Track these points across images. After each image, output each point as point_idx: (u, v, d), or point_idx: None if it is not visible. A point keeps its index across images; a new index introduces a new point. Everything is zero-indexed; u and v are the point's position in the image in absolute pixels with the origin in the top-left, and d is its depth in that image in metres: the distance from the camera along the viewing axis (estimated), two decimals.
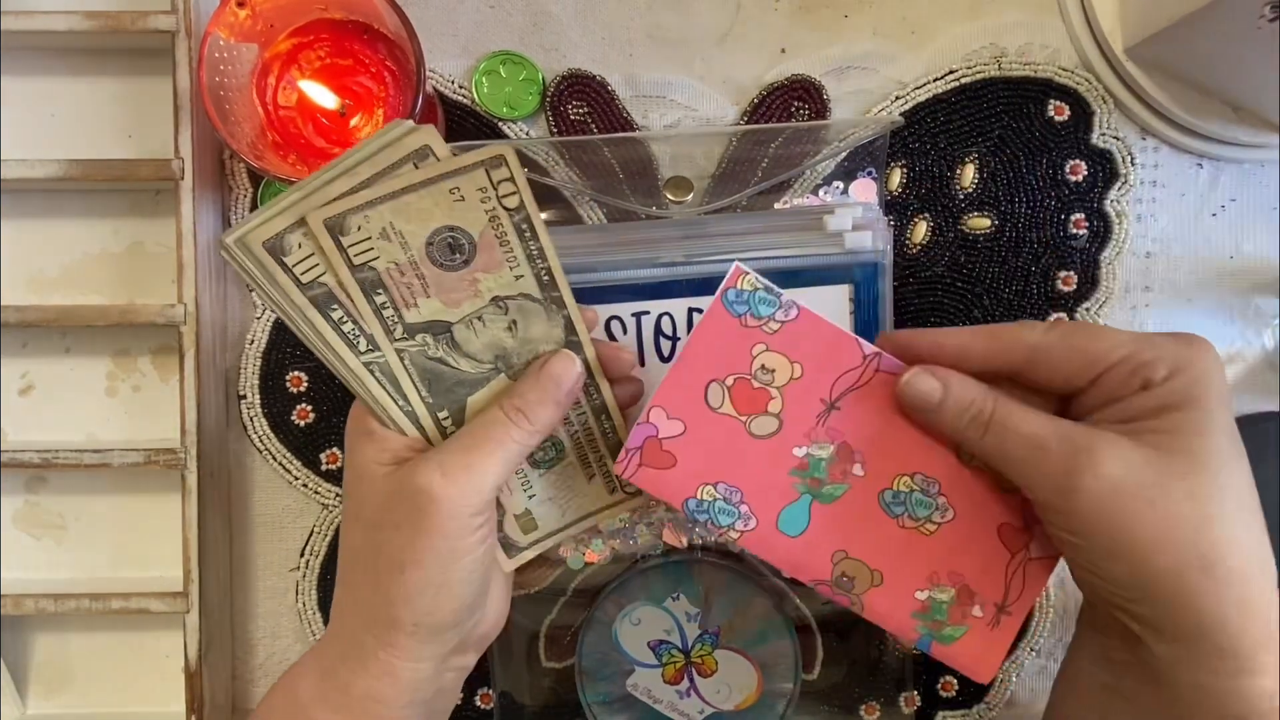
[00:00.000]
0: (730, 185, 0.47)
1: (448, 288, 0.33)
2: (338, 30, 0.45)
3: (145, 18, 0.45)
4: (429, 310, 0.33)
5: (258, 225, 0.31)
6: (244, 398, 0.50)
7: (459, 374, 0.34)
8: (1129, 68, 0.47)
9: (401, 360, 0.33)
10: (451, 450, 0.33)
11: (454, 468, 0.32)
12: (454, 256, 0.32)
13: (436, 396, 0.34)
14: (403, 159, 0.31)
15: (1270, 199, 0.49)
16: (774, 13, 0.49)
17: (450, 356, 0.34)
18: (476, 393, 0.35)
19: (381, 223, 0.31)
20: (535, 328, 0.35)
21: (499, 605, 0.37)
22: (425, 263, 0.32)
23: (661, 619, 0.47)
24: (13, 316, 0.46)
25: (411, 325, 0.33)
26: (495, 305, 0.34)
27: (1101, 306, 0.49)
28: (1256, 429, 0.48)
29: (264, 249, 0.31)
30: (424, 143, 0.31)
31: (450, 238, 0.32)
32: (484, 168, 0.31)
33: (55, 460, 0.47)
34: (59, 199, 0.50)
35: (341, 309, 0.32)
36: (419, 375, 0.34)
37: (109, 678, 0.51)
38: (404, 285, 0.32)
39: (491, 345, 0.34)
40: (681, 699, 0.48)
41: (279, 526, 0.50)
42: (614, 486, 0.39)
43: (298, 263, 0.31)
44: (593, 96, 0.49)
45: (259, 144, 0.44)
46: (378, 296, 0.32)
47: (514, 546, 0.38)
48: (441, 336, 0.34)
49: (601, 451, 0.38)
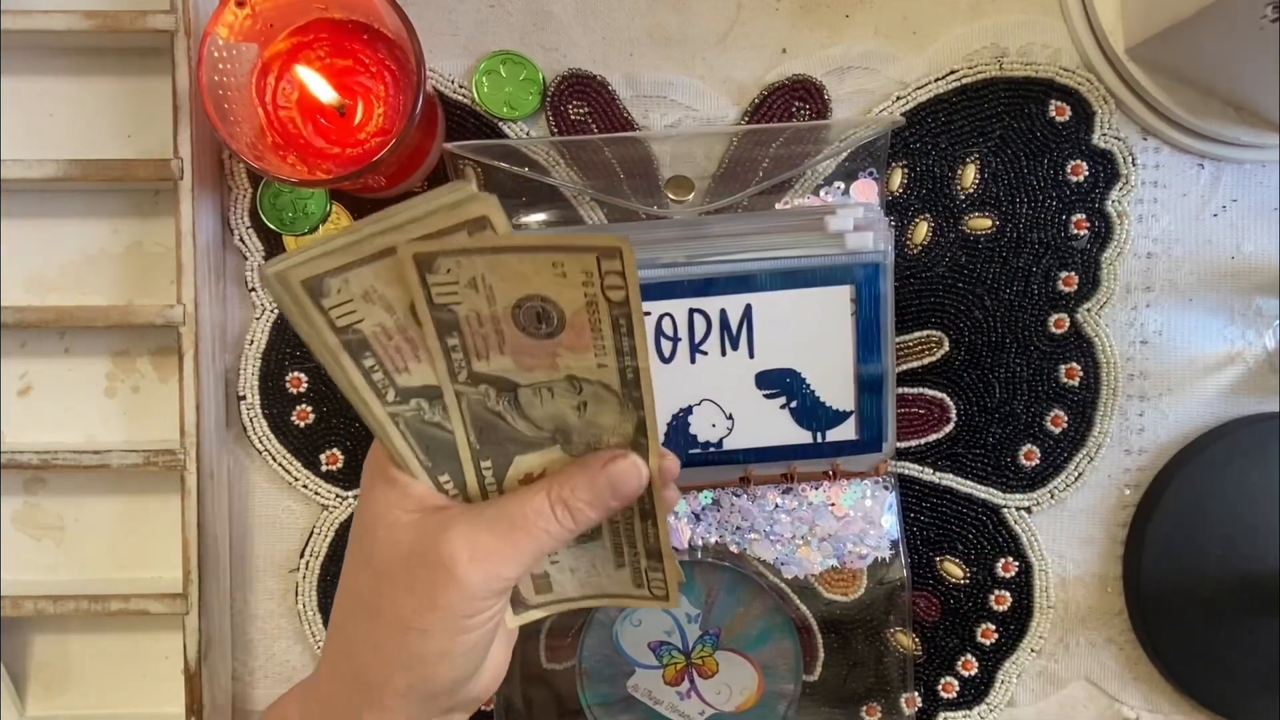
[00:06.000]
0: (731, 185, 0.47)
1: (525, 352, 0.31)
2: (338, 30, 0.45)
3: (144, 17, 0.45)
4: (499, 366, 0.31)
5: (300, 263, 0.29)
6: (243, 398, 0.49)
7: (514, 431, 0.33)
8: (1130, 68, 0.46)
9: (459, 402, 0.32)
10: (485, 529, 0.31)
11: (484, 552, 0.30)
12: (540, 326, 0.30)
13: (485, 445, 0.33)
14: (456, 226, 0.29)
15: (1271, 199, 0.49)
16: (775, 12, 0.49)
17: (510, 414, 0.32)
18: (527, 454, 0.33)
19: (474, 272, 0.29)
20: (605, 417, 0.33)
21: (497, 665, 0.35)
22: (508, 322, 0.30)
23: (662, 620, 0.47)
24: (12, 317, 0.46)
25: (478, 374, 0.31)
26: (569, 383, 0.32)
27: (1103, 307, 0.49)
28: (1257, 430, 0.49)
29: (302, 287, 0.29)
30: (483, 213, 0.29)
31: (541, 307, 0.30)
32: (597, 254, 0.29)
33: (54, 461, 0.47)
34: (58, 199, 0.50)
35: (374, 357, 0.31)
36: (473, 421, 0.32)
37: (108, 679, 0.51)
38: (480, 336, 0.31)
39: (555, 417, 0.32)
40: (682, 700, 0.47)
41: (279, 527, 0.50)
42: (641, 583, 0.37)
43: (334, 306, 0.29)
44: (593, 96, 0.48)
45: (258, 144, 0.44)
46: (450, 339, 0.31)
47: (522, 604, 0.37)
48: (505, 393, 0.32)
49: (638, 550, 0.36)
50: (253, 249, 0.49)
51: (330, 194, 0.49)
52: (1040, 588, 0.50)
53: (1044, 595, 0.50)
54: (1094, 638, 0.50)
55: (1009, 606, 0.50)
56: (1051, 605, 0.50)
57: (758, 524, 0.48)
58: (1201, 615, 0.48)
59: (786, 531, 0.48)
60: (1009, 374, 0.49)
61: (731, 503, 0.48)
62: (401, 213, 0.29)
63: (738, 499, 0.48)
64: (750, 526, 0.48)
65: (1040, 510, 0.50)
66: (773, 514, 0.48)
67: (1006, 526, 0.50)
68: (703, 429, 0.46)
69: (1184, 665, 0.49)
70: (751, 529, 0.48)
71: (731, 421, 0.46)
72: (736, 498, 0.48)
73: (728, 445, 0.46)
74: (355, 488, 0.50)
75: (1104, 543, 0.50)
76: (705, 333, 0.45)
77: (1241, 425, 0.49)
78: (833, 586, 0.49)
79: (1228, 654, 0.48)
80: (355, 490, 0.50)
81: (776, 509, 0.48)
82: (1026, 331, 0.49)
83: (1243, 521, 0.48)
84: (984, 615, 0.50)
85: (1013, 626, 0.50)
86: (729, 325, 0.44)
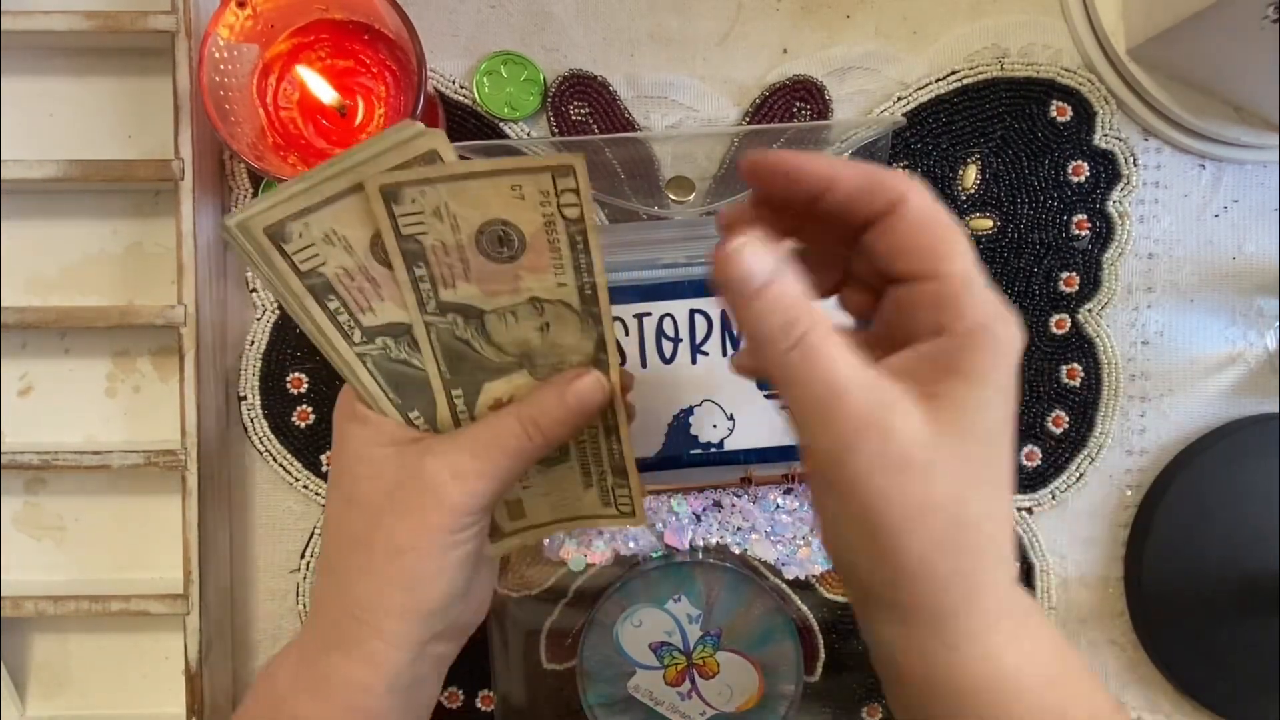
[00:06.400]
0: (732, 186, 0.47)
1: (489, 278, 0.33)
2: (338, 31, 0.45)
3: (145, 18, 0.45)
4: (465, 294, 0.33)
5: (260, 211, 0.30)
6: (244, 399, 0.49)
7: (481, 359, 0.34)
8: (1131, 68, 0.46)
9: (428, 333, 0.33)
10: (462, 451, 0.33)
11: (465, 470, 0.32)
12: (501, 249, 0.32)
13: (455, 375, 0.34)
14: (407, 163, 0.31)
15: (1273, 200, 0.49)
16: (775, 13, 0.49)
17: (477, 341, 0.34)
18: (495, 380, 0.35)
19: (437, 201, 0.31)
20: (567, 336, 0.34)
21: (481, 594, 0.37)
22: (472, 249, 0.32)
23: (663, 621, 0.47)
24: (12, 317, 0.46)
25: (445, 303, 0.33)
26: (532, 305, 0.33)
27: (1104, 307, 0.49)
28: (1258, 431, 0.48)
29: (265, 235, 0.31)
30: (432, 147, 0.31)
31: (502, 230, 0.32)
32: (551, 173, 0.31)
33: (55, 462, 0.47)
34: (58, 200, 0.50)
35: (338, 299, 0.32)
36: (442, 351, 0.34)
37: (109, 680, 0.51)
38: (446, 265, 0.32)
39: (520, 341, 0.34)
40: (683, 701, 0.47)
41: (279, 528, 0.50)
42: (609, 501, 0.39)
43: (297, 251, 0.31)
44: (594, 97, 0.48)
45: (259, 145, 0.44)
46: (418, 269, 0.32)
47: (499, 532, 0.38)
48: (472, 320, 0.34)
49: (604, 468, 0.38)
50: None
51: None
52: (1042, 588, 0.50)
53: (1045, 596, 0.50)
54: (1095, 638, 0.50)
55: None
56: (1053, 606, 0.50)
57: (759, 524, 0.48)
58: (1203, 616, 0.48)
59: (788, 532, 0.48)
60: None
61: (733, 503, 0.48)
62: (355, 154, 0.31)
63: (739, 499, 0.48)
64: (751, 527, 0.48)
65: (1041, 511, 0.50)
66: (774, 514, 0.48)
67: None
68: (704, 429, 0.46)
69: (1185, 666, 0.49)
70: (753, 529, 0.48)
71: (733, 422, 0.46)
72: (738, 498, 0.48)
73: (729, 446, 0.46)
74: None
75: (1105, 543, 0.50)
76: (706, 333, 0.45)
77: (1243, 426, 0.49)
78: (834, 587, 0.49)
79: (1229, 654, 0.48)
80: None
81: (778, 509, 0.48)
82: (1028, 332, 0.49)
83: (1244, 522, 0.48)
84: None
85: None
86: (730, 326, 0.44)
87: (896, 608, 0.28)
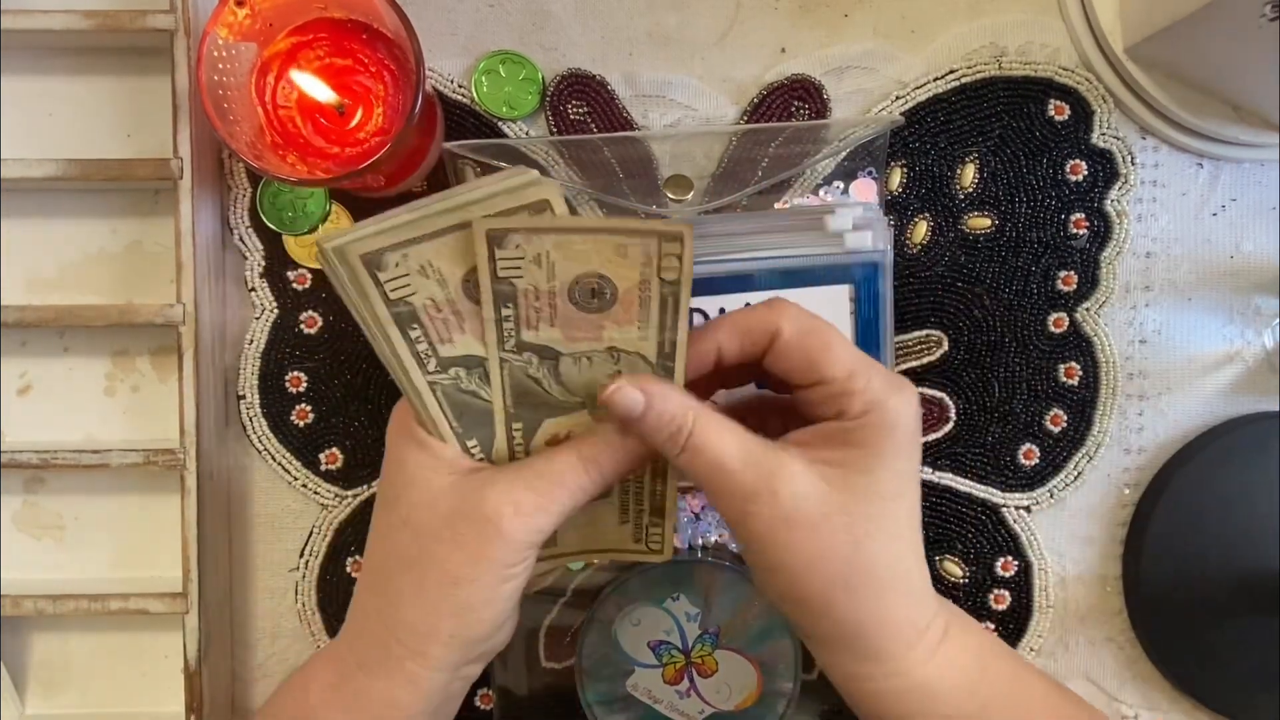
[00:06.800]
0: (730, 185, 0.47)
1: (574, 324, 0.33)
2: (337, 29, 0.45)
3: (144, 17, 0.45)
4: (546, 337, 0.33)
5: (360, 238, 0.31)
6: (243, 398, 0.49)
7: (548, 397, 0.35)
8: (1129, 67, 0.46)
9: (501, 369, 0.34)
10: (524, 486, 0.33)
11: (524, 507, 0.33)
12: (592, 300, 0.33)
13: (518, 409, 0.35)
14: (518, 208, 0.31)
15: (1270, 198, 0.49)
16: (774, 12, 0.49)
17: (547, 381, 0.34)
18: (556, 417, 0.35)
19: (540, 249, 0.31)
20: None
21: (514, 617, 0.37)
22: (563, 297, 0.32)
23: (661, 619, 0.47)
24: (11, 316, 0.46)
25: (524, 343, 0.33)
26: (609, 353, 0.34)
27: (1102, 306, 0.49)
28: (1256, 429, 0.49)
29: (361, 262, 0.31)
30: (543, 197, 0.31)
31: (597, 284, 0.32)
32: (659, 238, 0.31)
33: (54, 460, 0.47)
34: (57, 198, 0.50)
35: (420, 329, 0.33)
36: (511, 386, 0.34)
37: (108, 678, 0.51)
38: (534, 309, 0.33)
39: (589, 384, 0.34)
40: (681, 699, 0.47)
41: (278, 527, 0.50)
42: (640, 538, 0.39)
43: (390, 279, 0.32)
44: (592, 96, 0.48)
45: (258, 143, 0.44)
46: (505, 309, 0.32)
47: None
48: (547, 361, 0.34)
49: (644, 507, 0.38)
50: (252, 248, 0.49)
51: (330, 193, 0.49)
52: (1039, 587, 0.50)
53: (1043, 594, 0.50)
54: (1093, 637, 0.50)
55: (1008, 606, 0.50)
56: (1051, 604, 0.50)
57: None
58: (1200, 614, 0.48)
59: None
60: (1008, 373, 0.49)
61: None
62: (466, 193, 0.31)
63: None
64: None
65: (1039, 509, 0.50)
66: None
67: (1006, 526, 0.50)
68: None
69: (1183, 664, 0.49)
70: None
71: None
72: None
73: None
74: (354, 487, 0.50)
75: (1103, 542, 0.50)
76: None
77: (1241, 424, 0.49)
78: None
79: (1226, 653, 0.48)
80: (354, 490, 0.50)
81: None
82: (1026, 331, 0.49)
83: (1242, 520, 0.48)
84: (983, 614, 0.50)
85: (1012, 626, 0.50)
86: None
87: (815, 639, 0.34)
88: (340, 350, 0.49)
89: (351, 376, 0.50)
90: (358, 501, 0.50)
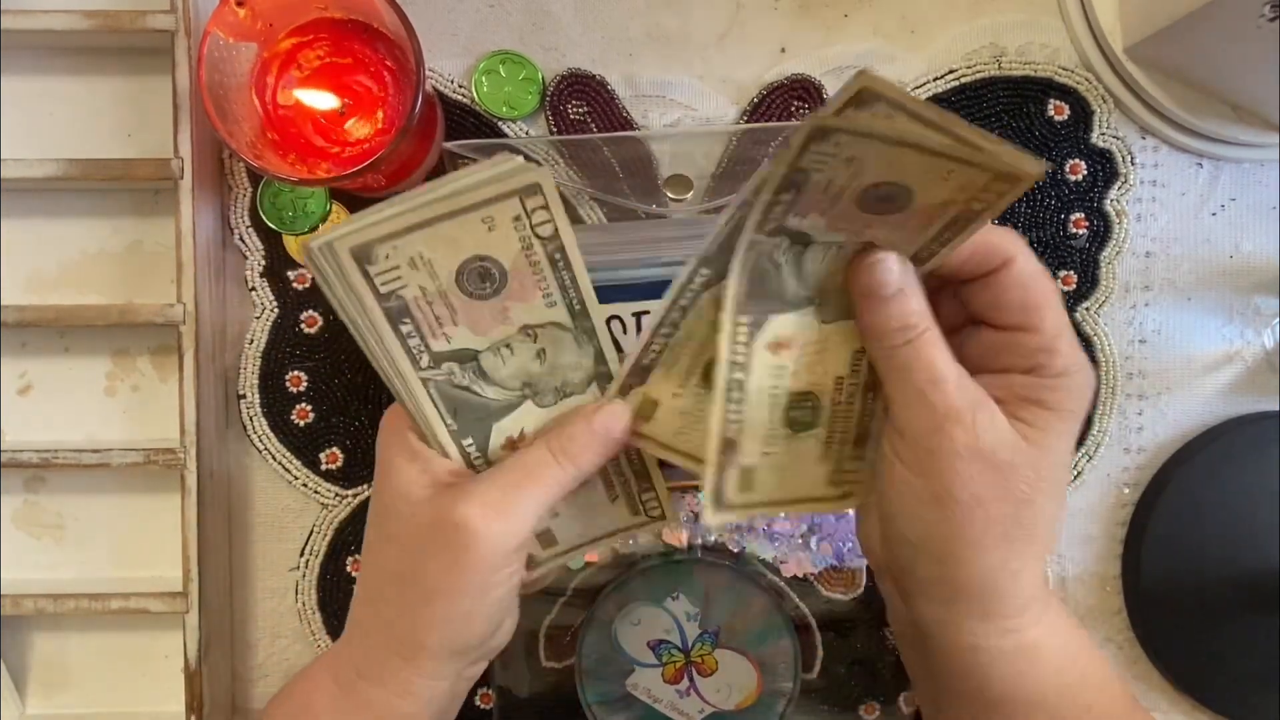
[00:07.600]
0: (730, 184, 0.47)
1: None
2: (337, 29, 0.45)
3: (144, 17, 0.45)
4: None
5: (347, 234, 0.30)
6: (243, 397, 0.50)
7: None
8: (1129, 67, 0.47)
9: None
10: (495, 486, 0.33)
11: (496, 506, 0.32)
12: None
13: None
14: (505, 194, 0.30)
15: (1270, 198, 0.49)
16: (774, 12, 0.49)
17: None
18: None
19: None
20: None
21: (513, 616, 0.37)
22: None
23: (661, 619, 0.47)
24: (12, 316, 0.46)
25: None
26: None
27: (1101, 306, 0.49)
28: (1256, 429, 0.49)
29: (350, 256, 0.30)
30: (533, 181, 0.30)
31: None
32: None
33: (54, 460, 0.47)
34: (58, 198, 0.50)
35: (411, 323, 0.32)
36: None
37: (108, 678, 0.51)
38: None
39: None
40: (681, 698, 0.47)
41: (279, 526, 0.50)
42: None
43: (380, 273, 0.31)
44: (592, 96, 0.49)
45: (258, 143, 0.44)
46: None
47: (533, 561, 0.38)
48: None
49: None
50: (253, 248, 0.49)
51: (330, 193, 0.49)
52: None
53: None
54: (1093, 636, 0.50)
55: None
56: None
57: (756, 522, 0.48)
58: (1200, 614, 0.48)
59: (785, 530, 0.48)
60: None
61: None
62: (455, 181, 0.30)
63: None
64: (749, 525, 0.48)
65: None
66: None
67: None
68: None
69: (1182, 664, 0.49)
70: (750, 527, 0.48)
71: None
72: None
73: None
74: (355, 486, 0.50)
75: (1103, 541, 0.50)
76: None
77: (1240, 424, 0.49)
78: (832, 585, 0.49)
79: (1226, 653, 0.48)
80: (354, 489, 0.50)
81: None
82: None
83: (1241, 520, 0.48)
84: None
85: None
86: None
87: (931, 588, 0.32)
88: (340, 350, 0.49)
89: (352, 376, 0.50)
90: (358, 501, 0.50)
